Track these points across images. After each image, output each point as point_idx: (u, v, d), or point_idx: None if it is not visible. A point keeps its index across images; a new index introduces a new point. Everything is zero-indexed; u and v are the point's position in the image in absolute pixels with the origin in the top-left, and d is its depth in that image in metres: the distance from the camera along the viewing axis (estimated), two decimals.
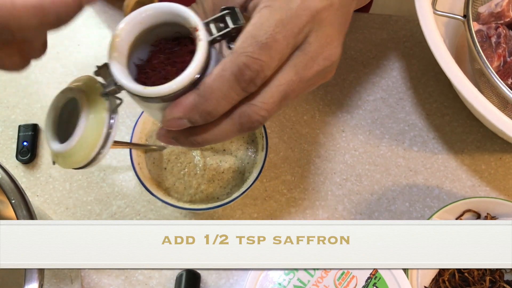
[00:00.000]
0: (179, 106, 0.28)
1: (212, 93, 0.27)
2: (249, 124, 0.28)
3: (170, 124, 0.29)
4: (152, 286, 0.48)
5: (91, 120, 0.31)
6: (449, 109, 0.58)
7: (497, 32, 0.50)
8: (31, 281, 0.32)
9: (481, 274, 0.46)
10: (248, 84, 0.27)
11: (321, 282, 0.37)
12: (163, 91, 0.27)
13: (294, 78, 0.28)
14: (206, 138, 0.30)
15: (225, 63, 0.27)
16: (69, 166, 0.33)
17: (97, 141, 0.31)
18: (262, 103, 0.28)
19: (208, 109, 0.27)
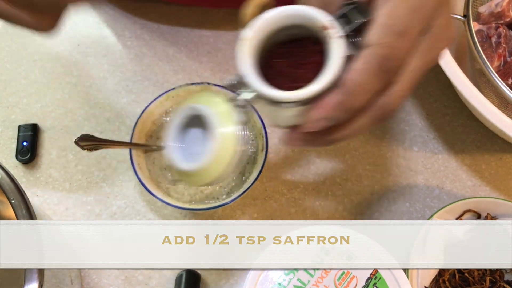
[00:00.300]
0: (324, 106, 0.27)
1: (358, 88, 0.27)
2: (386, 114, 0.28)
3: (315, 125, 0.28)
4: (152, 286, 0.48)
5: (222, 137, 0.30)
6: (449, 109, 0.58)
7: (497, 32, 0.50)
8: (31, 281, 0.32)
9: (481, 274, 0.45)
10: (389, 74, 0.27)
11: (321, 282, 0.37)
12: (311, 93, 0.27)
13: (422, 62, 0.28)
14: (344, 134, 0.29)
15: (365, 56, 0.27)
16: (197, 184, 0.33)
17: (231, 158, 0.31)
18: (398, 91, 0.28)
19: (354, 105, 0.27)
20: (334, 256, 0.38)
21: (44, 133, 0.55)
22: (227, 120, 0.31)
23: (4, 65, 0.59)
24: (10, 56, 0.60)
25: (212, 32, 0.62)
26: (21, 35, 0.62)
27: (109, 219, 0.51)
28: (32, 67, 0.59)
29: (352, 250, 0.39)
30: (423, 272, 0.44)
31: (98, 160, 0.54)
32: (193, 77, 0.59)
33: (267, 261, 0.38)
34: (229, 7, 0.63)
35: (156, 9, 0.63)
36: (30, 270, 0.32)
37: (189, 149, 0.33)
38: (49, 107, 0.57)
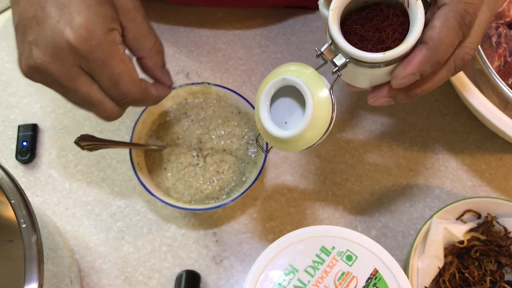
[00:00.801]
0: (412, 62, 0.30)
1: (442, 43, 0.29)
2: (462, 65, 0.32)
3: (404, 81, 0.31)
4: (152, 286, 0.48)
5: (317, 103, 0.32)
6: (450, 109, 0.58)
7: (497, 32, 0.50)
8: (31, 281, 0.32)
9: (481, 275, 0.45)
10: (468, 27, 0.30)
11: (321, 283, 0.37)
12: (401, 52, 0.29)
13: (489, 14, 0.31)
14: (426, 87, 0.32)
15: (446, 13, 0.29)
16: (292, 149, 0.35)
17: (326, 122, 0.33)
18: (471, 43, 0.31)
19: (439, 59, 0.30)
20: (334, 256, 0.38)
21: (44, 133, 0.55)
22: (319, 86, 0.32)
23: (4, 65, 0.59)
24: (10, 56, 0.60)
25: (212, 32, 0.62)
26: None
27: (109, 219, 0.51)
28: None
29: (352, 250, 0.39)
30: (423, 272, 0.44)
31: (98, 160, 0.54)
32: (193, 77, 0.59)
33: (267, 261, 0.38)
34: (229, 7, 0.63)
35: (156, 9, 0.63)
36: (30, 270, 0.32)
37: (278, 117, 0.35)
38: (49, 107, 0.57)
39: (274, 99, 0.35)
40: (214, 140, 0.50)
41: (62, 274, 0.40)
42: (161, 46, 0.38)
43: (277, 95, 0.35)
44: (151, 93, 0.38)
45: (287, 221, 0.51)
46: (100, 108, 0.35)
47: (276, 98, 0.35)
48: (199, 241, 0.50)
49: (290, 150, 0.35)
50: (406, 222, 0.51)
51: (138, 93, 0.35)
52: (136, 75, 0.35)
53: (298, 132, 0.32)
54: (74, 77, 0.33)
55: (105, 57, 0.32)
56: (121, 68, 0.33)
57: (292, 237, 0.39)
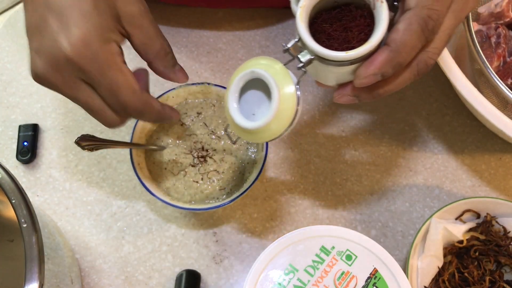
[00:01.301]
0: (374, 63, 0.31)
1: (404, 46, 0.30)
2: (425, 69, 0.33)
3: (365, 81, 0.32)
4: (152, 286, 0.48)
5: (283, 96, 0.34)
6: (449, 109, 0.58)
7: (496, 32, 0.50)
8: (32, 281, 0.32)
9: (480, 274, 0.46)
10: (430, 33, 0.31)
11: (321, 282, 0.37)
12: (364, 51, 0.30)
13: (454, 22, 0.32)
14: (388, 89, 0.33)
15: (410, 17, 0.30)
16: (260, 140, 0.36)
17: (291, 115, 0.34)
18: (435, 48, 0.32)
19: (400, 61, 0.31)
20: (334, 255, 0.38)
21: (45, 133, 0.55)
22: (286, 81, 0.34)
23: (4, 65, 0.59)
24: (10, 56, 0.60)
25: (212, 32, 0.62)
26: (21, 35, 0.62)
27: (109, 219, 0.51)
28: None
29: (352, 249, 0.39)
30: (422, 271, 0.44)
31: (99, 160, 0.54)
32: (193, 77, 0.59)
33: (267, 261, 0.38)
34: (229, 7, 0.63)
35: (156, 10, 0.63)
36: (31, 270, 0.33)
37: (247, 109, 0.36)
38: (50, 107, 0.57)
39: (244, 91, 0.36)
40: (214, 140, 0.50)
41: (63, 273, 0.40)
42: (168, 47, 0.38)
43: (247, 88, 0.36)
44: (153, 106, 0.37)
45: (287, 221, 0.51)
46: (100, 116, 0.36)
47: (246, 90, 0.36)
48: (199, 241, 0.50)
49: (255, 140, 0.37)
50: (405, 222, 0.51)
51: (138, 105, 0.35)
52: (136, 86, 0.35)
53: (262, 124, 0.34)
54: (73, 86, 0.33)
55: (102, 68, 0.32)
56: (120, 78, 0.33)
57: (292, 237, 0.39)
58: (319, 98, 0.58)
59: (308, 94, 0.58)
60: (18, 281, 0.34)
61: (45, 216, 0.43)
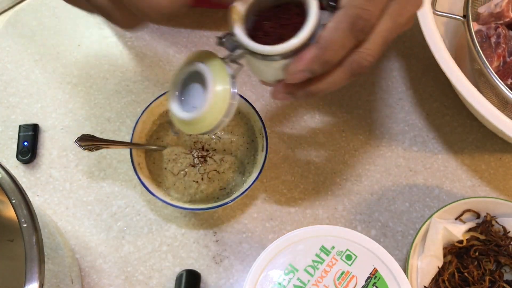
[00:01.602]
0: (302, 59, 0.31)
1: (332, 44, 0.30)
2: (358, 69, 0.32)
3: (294, 77, 0.32)
4: (152, 286, 0.48)
5: (217, 89, 0.34)
6: (449, 109, 0.58)
7: (496, 32, 0.50)
8: (32, 281, 0.32)
9: (480, 274, 0.46)
10: (360, 32, 0.30)
11: (321, 282, 0.37)
12: (291, 46, 0.30)
13: (391, 25, 0.32)
14: (320, 87, 0.33)
15: (339, 16, 0.30)
16: (195, 132, 0.37)
17: (224, 108, 0.34)
18: (369, 49, 0.31)
19: (327, 59, 0.30)
20: (334, 255, 0.38)
21: (45, 133, 0.55)
22: (221, 75, 0.34)
23: (5, 65, 0.60)
24: (11, 56, 0.60)
25: (212, 32, 0.62)
26: (21, 36, 0.62)
27: (109, 219, 0.51)
28: (32, 67, 0.59)
29: (352, 249, 0.39)
30: (422, 271, 0.44)
31: (99, 160, 0.54)
32: None
33: (267, 261, 0.38)
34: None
35: None
36: (31, 270, 0.33)
37: (190, 101, 0.37)
38: (50, 107, 0.57)
39: (189, 84, 0.37)
40: (214, 140, 0.50)
41: (63, 273, 0.40)
42: None
43: (192, 81, 0.37)
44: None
45: (287, 221, 0.51)
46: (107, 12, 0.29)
47: (191, 83, 0.37)
48: (199, 241, 0.50)
49: (191, 132, 0.37)
50: (405, 221, 0.51)
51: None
52: None
53: (196, 116, 0.35)
54: None
55: None
56: None
57: (292, 237, 0.39)
58: (319, 98, 0.58)
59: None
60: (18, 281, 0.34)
61: (45, 216, 0.43)
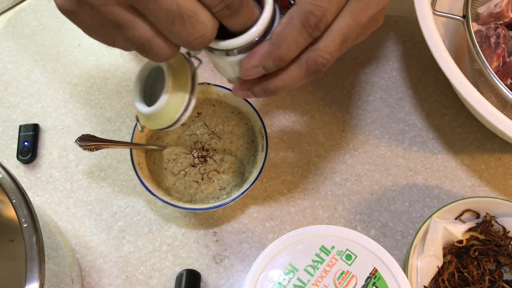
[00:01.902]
0: (255, 54, 0.30)
1: (283, 40, 0.29)
2: (314, 67, 0.31)
3: (248, 73, 0.31)
4: (152, 285, 0.48)
5: (175, 84, 0.34)
6: (449, 109, 0.58)
7: (496, 33, 0.50)
8: (32, 281, 0.32)
9: (480, 274, 0.46)
10: (313, 29, 0.29)
11: (321, 282, 0.37)
12: (241, 41, 0.30)
13: (351, 22, 0.31)
14: (277, 84, 0.32)
15: (292, 12, 0.29)
16: (156, 126, 0.37)
17: (182, 103, 0.34)
18: (325, 47, 0.30)
19: (280, 55, 0.30)
20: (334, 255, 0.39)
21: (45, 133, 0.55)
22: (181, 70, 0.34)
23: (5, 66, 0.60)
24: (11, 56, 0.60)
25: None
26: (22, 36, 0.62)
27: (109, 219, 0.51)
28: (33, 68, 0.59)
29: (352, 249, 0.39)
30: (422, 271, 0.45)
31: (99, 160, 0.54)
32: None
33: (267, 261, 0.38)
34: None
35: None
36: (31, 269, 0.33)
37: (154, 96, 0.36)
38: (50, 107, 0.57)
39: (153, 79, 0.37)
40: (214, 140, 0.50)
41: (63, 273, 0.40)
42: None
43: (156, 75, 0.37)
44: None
45: (287, 221, 0.51)
46: (192, 22, 0.26)
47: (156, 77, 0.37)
48: (199, 241, 0.50)
49: (153, 126, 0.37)
50: (405, 221, 0.52)
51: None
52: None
53: (155, 110, 0.35)
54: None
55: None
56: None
57: (292, 237, 0.39)
58: (319, 98, 0.58)
59: (308, 94, 0.58)
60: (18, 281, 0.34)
61: (45, 215, 0.43)
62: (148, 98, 0.38)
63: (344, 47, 0.31)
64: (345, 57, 0.61)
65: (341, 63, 0.61)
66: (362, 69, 0.60)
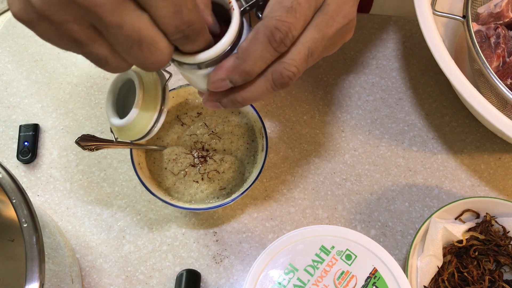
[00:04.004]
0: (222, 68, 0.31)
1: (249, 55, 0.30)
2: (280, 79, 0.31)
3: (215, 85, 0.32)
4: (153, 285, 0.48)
5: (146, 97, 0.35)
6: (449, 109, 0.58)
7: (496, 33, 0.50)
8: (32, 281, 0.32)
9: (480, 274, 0.46)
10: (279, 44, 0.30)
11: (321, 282, 0.38)
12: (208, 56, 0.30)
13: (317, 36, 0.31)
14: (245, 96, 0.33)
15: (258, 27, 0.30)
16: (128, 138, 0.37)
17: (153, 116, 0.35)
18: (291, 60, 0.31)
19: (246, 69, 0.30)
20: (334, 255, 0.39)
21: (45, 133, 0.55)
22: (153, 83, 0.35)
23: (5, 66, 0.60)
24: (11, 56, 0.60)
25: None
26: (22, 36, 0.62)
27: (109, 219, 0.51)
28: (33, 68, 0.59)
29: (352, 249, 0.39)
30: (422, 271, 0.45)
31: (99, 160, 0.54)
32: None
33: (267, 261, 0.38)
34: None
35: None
36: (31, 269, 0.33)
37: (127, 108, 0.37)
38: (50, 107, 0.57)
39: (126, 91, 0.38)
40: (214, 140, 0.50)
41: (63, 273, 0.40)
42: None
43: (129, 87, 0.38)
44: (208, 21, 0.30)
45: (286, 221, 0.51)
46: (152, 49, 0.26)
47: (128, 90, 0.38)
48: (199, 241, 0.50)
49: (126, 138, 0.38)
50: (405, 221, 0.52)
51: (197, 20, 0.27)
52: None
53: (126, 122, 0.35)
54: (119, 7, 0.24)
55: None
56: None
57: (292, 237, 0.39)
58: (319, 98, 0.58)
59: (308, 94, 0.58)
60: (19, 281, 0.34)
61: (45, 215, 0.43)
62: (121, 109, 0.38)
63: (310, 60, 0.32)
64: (345, 57, 0.61)
65: (341, 64, 0.61)
66: (362, 69, 0.60)
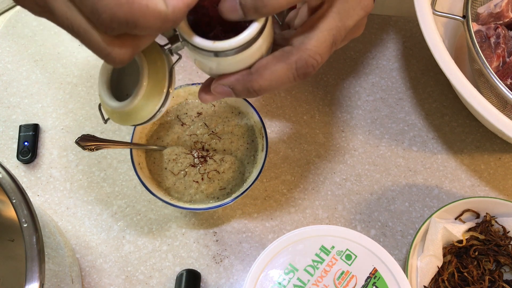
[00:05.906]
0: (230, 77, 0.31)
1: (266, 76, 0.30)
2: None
3: (217, 89, 0.32)
4: (153, 285, 0.48)
5: (152, 79, 0.32)
6: (449, 109, 0.58)
7: (496, 33, 0.50)
8: (32, 281, 0.32)
9: (480, 274, 0.46)
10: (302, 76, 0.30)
11: (321, 282, 0.37)
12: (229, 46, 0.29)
13: (339, 24, 0.30)
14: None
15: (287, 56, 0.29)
16: (128, 123, 0.34)
17: (160, 98, 0.33)
18: (316, 47, 0.29)
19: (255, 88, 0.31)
20: (334, 255, 0.39)
21: (45, 133, 0.55)
22: (159, 64, 0.32)
23: (5, 66, 0.60)
24: (11, 56, 0.60)
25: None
26: (22, 36, 0.62)
27: (109, 219, 0.51)
28: (33, 68, 0.59)
29: (352, 249, 0.39)
30: (422, 271, 0.45)
31: (99, 160, 0.54)
32: (193, 77, 0.59)
33: (267, 261, 0.38)
34: None
35: None
36: (31, 269, 0.33)
37: (123, 90, 0.35)
38: (50, 107, 0.57)
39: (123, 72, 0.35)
40: (214, 140, 0.50)
41: (63, 273, 0.40)
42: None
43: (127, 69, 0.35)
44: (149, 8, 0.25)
45: (287, 221, 0.51)
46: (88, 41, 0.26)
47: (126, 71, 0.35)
48: (199, 241, 0.50)
49: (125, 122, 0.34)
50: (405, 221, 0.52)
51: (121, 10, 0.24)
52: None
53: (129, 105, 0.32)
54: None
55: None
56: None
57: (292, 237, 0.39)
58: (319, 98, 0.58)
59: (308, 94, 0.58)
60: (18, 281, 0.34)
61: (45, 215, 0.43)
62: (116, 89, 0.35)
63: (333, 48, 0.31)
64: (345, 57, 0.61)
65: (341, 63, 0.61)
66: (362, 69, 0.60)
